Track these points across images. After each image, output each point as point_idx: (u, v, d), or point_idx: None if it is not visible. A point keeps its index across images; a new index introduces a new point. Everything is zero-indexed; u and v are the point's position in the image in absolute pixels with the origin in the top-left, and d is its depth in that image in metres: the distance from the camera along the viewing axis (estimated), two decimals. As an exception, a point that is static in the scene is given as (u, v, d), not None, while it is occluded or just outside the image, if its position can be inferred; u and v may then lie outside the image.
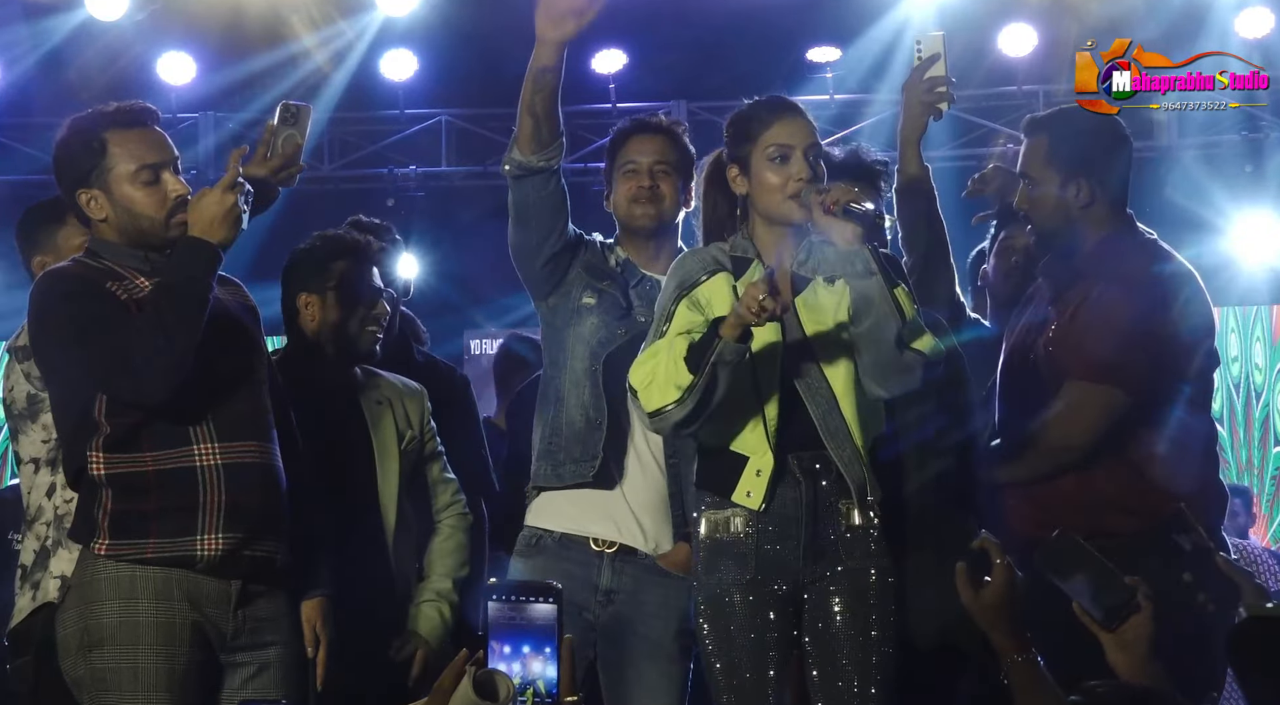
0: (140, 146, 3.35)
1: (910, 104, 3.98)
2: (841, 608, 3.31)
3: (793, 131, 3.40)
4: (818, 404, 3.32)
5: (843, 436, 3.31)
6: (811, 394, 3.32)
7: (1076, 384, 3.60)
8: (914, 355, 3.26)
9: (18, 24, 8.46)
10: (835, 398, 3.32)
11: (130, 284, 3.31)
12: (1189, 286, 3.66)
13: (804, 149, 3.37)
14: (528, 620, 2.29)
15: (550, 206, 3.80)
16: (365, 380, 4.08)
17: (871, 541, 3.34)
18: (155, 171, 3.35)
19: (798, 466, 3.32)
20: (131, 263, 3.37)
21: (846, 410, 3.32)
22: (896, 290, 3.23)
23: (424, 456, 4.09)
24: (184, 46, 8.79)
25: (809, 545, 3.31)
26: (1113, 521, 3.54)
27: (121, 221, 3.35)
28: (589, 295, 3.86)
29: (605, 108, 8.84)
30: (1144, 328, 3.57)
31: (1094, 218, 3.69)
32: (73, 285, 3.30)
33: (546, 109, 3.72)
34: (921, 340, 3.26)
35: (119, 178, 3.33)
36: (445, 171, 9.28)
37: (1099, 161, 3.70)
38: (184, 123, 9.22)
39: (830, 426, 3.31)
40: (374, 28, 8.71)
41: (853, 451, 3.32)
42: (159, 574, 3.26)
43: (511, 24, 4.18)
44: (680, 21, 8.33)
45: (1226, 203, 8.76)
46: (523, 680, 2.28)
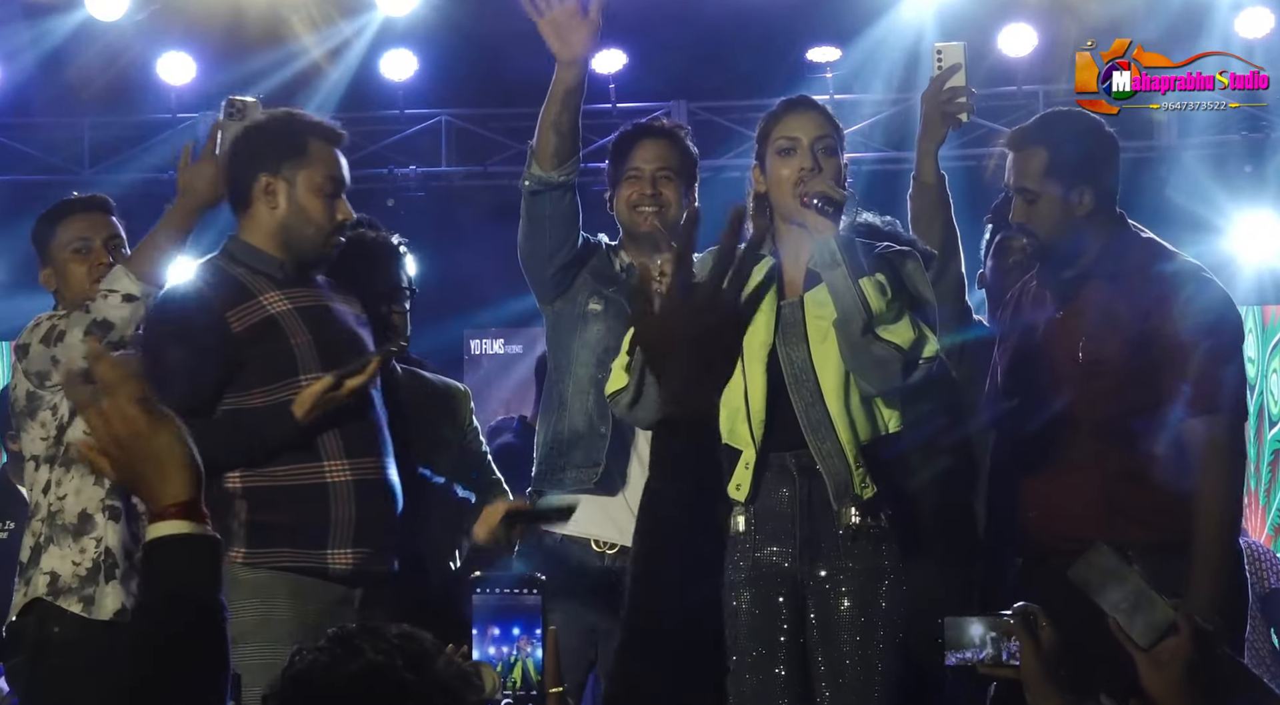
0: (334, 163, 3.49)
1: (930, 113, 3.99)
2: (845, 609, 3.30)
3: (801, 124, 3.40)
4: (802, 397, 3.31)
5: (825, 431, 3.29)
6: (797, 387, 3.32)
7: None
8: (887, 347, 3.23)
9: (18, 24, 8.45)
10: (821, 393, 3.30)
11: (254, 305, 3.37)
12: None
13: (811, 141, 3.37)
14: (515, 607, 2.35)
15: (565, 219, 3.81)
16: (408, 380, 4.06)
17: (872, 542, 3.33)
18: (337, 189, 3.47)
19: (794, 464, 3.32)
20: (266, 269, 3.42)
21: (833, 405, 3.30)
22: (863, 281, 3.22)
23: (467, 455, 4.07)
24: (184, 46, 8.78)
25: (805, 544, 3.30)
26: (1128, 530, 3.49)
27: (288, 220, 3.44)
28: (595, 301, 3.87)
29: (605, 108, 8.82)
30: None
31: (1097, 222, 3.67)
32: (180, 327, 3.36)
33: (572, 126, 3.74)
34: (896, 333, 3.23)
35: (307, 180, 3.44)
36: (445, 171, 9.27)
37: (1098, 167, 3.69)
38: (184, 123, 9.22)
39: (812, 420, 3.30)
40: (374, 27, 8.70)
41: (834, 446, 3.29)
42: (293, 578, 3.36)
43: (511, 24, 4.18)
44: (680, 21, 8.33)
45: (1226, 203, 8.75)
46: (509, 662, 2.33)
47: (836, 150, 3.41)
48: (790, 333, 3.35)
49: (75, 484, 3.79)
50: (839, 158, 3.42)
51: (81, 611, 3.75)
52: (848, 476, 3.29)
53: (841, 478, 3.29)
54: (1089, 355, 3.60)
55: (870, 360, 3.24)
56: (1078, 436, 3.62)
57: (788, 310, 3.36)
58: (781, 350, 3.34)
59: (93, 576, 3.75)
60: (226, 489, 3.34)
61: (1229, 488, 3.53)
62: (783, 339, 3.34)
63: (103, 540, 3.76)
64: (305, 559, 3.36)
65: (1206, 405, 3.49)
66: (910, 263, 3.37)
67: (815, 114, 3.43)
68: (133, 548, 3.78)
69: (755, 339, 3.31)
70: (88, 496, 3.78)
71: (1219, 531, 3.47)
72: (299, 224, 3.44)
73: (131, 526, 3.80)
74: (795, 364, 3.33)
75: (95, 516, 3.77)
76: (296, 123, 3.49)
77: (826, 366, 3.32)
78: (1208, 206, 8.61)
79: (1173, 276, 3.62)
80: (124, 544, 3.78)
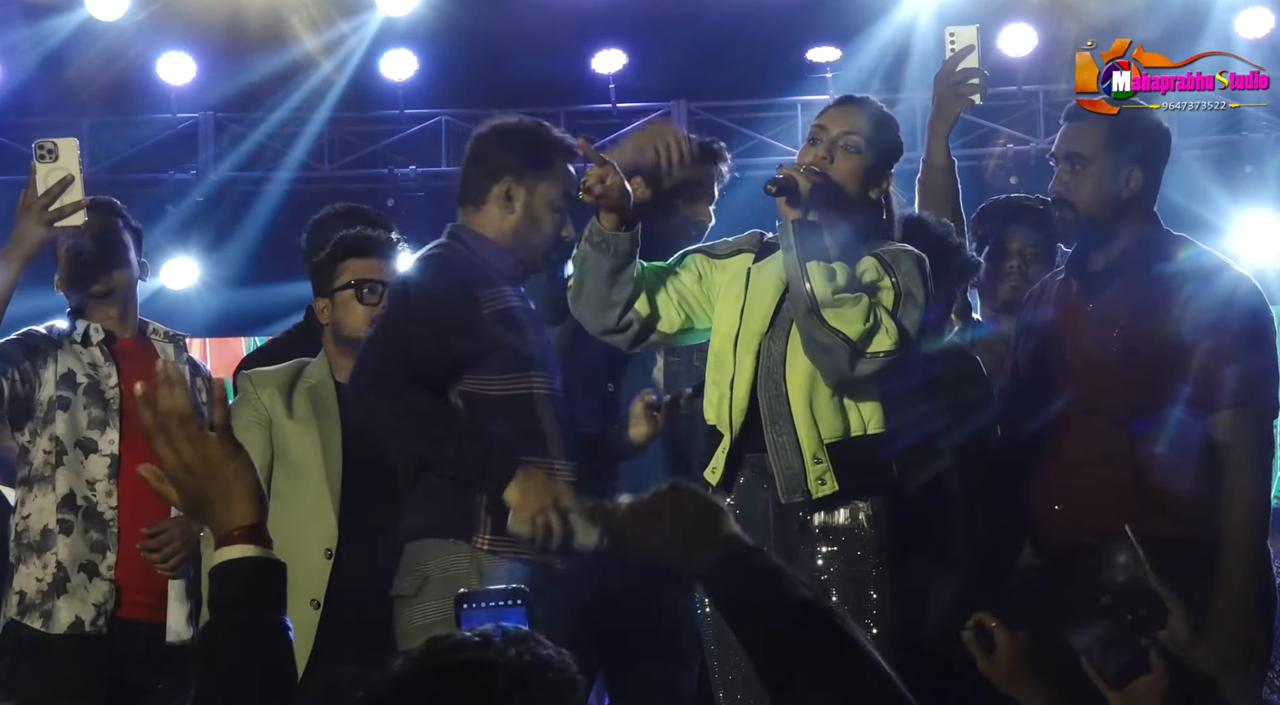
0: (571, 182, 3.51)
1: (943, 95, 3.95)
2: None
3: (834, 117, 3.40)
4: (768, 389, 3.30)
5: (783, 424, 3.27)
6: (766, 380, 3.31)
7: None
8: (832, 336, 3.20)
9: (18, 24, 8.46)
10: (786, 386, 3.29)
11: (499, 293, 3.41)
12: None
13: (837, 134, 3.35)
14: (501, 620, 2.38)
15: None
16: None
17: (854, 544, 3.29)
18: (569, 207, 3.52)
19: (770, 461, 3.29)
20: (501, 265, 3.47)
21: (795, 399, 3.27)
22: (812, 264, 3.21)
23: None
24: (184, 46, 8.80)
25: (778, 544, 3.25)
26: (1156, 523, 3.45)
27: (520, 227, 3.49)
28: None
29: (605, 108, 8.84)
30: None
31: (1135, 210, 3.64)
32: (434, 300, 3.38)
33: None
34: (844, 320, 3.19)
35: (545, 192, 3.49)
36: (445, 171, 9.26)
37: (1154, 156, 3.65)
38: (184, 123, 9.23)
39: (773, 412, 3.28)
40: (374, 28, 8.72)
41: (789, 441, 3.26)
42: (533, 568, 3.32)
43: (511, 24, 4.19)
44: (680, 21, 8.34)
45: (1226, 203, 8.76)
46: None
47: (863, 148, 3.35)
48: (779, 326, 3.34)
49: (38, 502, 3.81)
50: (864, 157, 3.36)
51: (41, 627, 3.76)
52: (800, 471, 3.25)
53: (792, 472, 3.26)
54: (1125, 344, 3.56)
55: (817, 346, 3.23)
56: (1108, 427, 3.58)
57: (785, 307, 3.35)
58: (766, 342, 3.33)
59: (52, 591, 3.76)
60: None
61: (1259, 483, 3.51)
62: (772, 331, 3.34)
63: (56, 554, 3.77)
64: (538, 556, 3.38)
65: (1238, 399, 3.48)
66: (907, 261, 3.34)
67: (853, 110, 3.40)
68: (89, 559, 3.78)
69: (751, 327, 3.32)
70: (48, 513, 3.79)
71: (1248, 529, 3.45)
72: (529, 232, 3.49)
73: (88, 537, 3.79)
74: (772, 356, 3.32)
75: (54, 531, 3.78)
76: (546, 137, 3.53)
77: (796, 360, 3.30)
78: (1208, 206, 8.61)
79: (1203, 271, 3.60)
80: (76, 558, 3.78)
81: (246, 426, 3.68)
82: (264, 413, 3.74)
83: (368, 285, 3.83)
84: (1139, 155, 3.61)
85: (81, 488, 3.81)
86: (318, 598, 3.60)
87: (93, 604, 3.77)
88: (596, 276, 3.37)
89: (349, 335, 3.79)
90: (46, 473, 3.81)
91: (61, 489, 3.79)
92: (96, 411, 3.85)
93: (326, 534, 3.65)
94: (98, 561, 3.79)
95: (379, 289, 3.80)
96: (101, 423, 3.84)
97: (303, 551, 3.59)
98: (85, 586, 3.77)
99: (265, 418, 3.74)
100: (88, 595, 3.77)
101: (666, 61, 8.75)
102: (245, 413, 3.72)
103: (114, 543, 3.81)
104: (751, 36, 8.43)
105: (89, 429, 3.84)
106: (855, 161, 3.36)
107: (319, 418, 3.75)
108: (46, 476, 3.81)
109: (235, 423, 3.61)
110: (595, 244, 3.33)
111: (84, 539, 3.79)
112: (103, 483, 3.82)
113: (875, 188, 3.40)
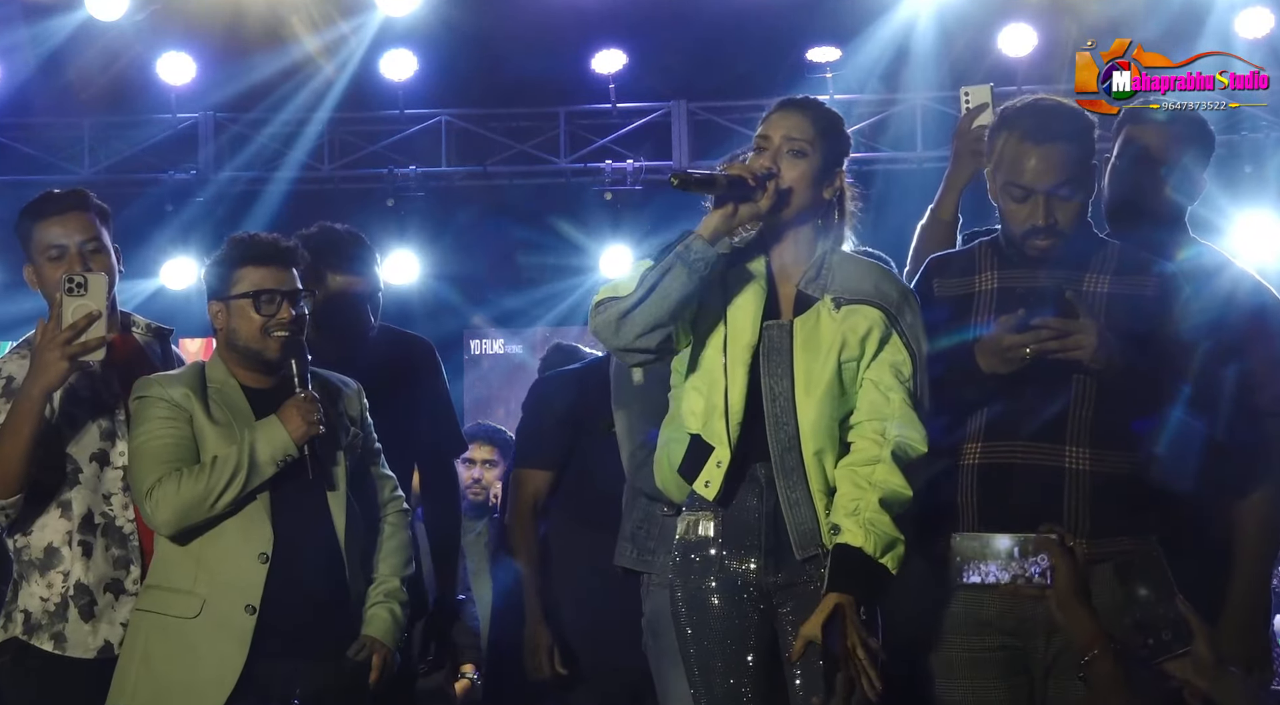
0: None
1: (960, 153, 3.99)
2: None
3: (776, 123, 3.32)
4: (779, 441, 3.22)
5: (796, 478, 3.21)
6: (776, 429, 3.22)
7: None
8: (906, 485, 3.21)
9: (18, 24, 8.47)
10: (799, 439, 3.21)
11: None
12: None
13: (780, 141, 3.29)
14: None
15: None
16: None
17: None
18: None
19: (763, 475, 3.23)
20: None
21: (808, 454, 3.20)
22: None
23: (365, 453, 3.93)
24: (184, 46, 8.80)
25: (769, 554, 3.23)
26: (1160, 530, 3.45)
27: None
28: None
29: (605, 108, 8.84)
30: None
31: (1169, 209, 3.72)
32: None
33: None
34: (905, 477, 3.20)
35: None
36: (445, 171, 9.27)
37: (1202, 163, 3.80)
38: (184, 123, 9.23)
39: (785, 465, 3.21)
40: (374, 28, 8.71)
41: (803, 495, 3.20)
42: None
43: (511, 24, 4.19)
44: (680, 21, 8.34)
45: (1226, 203, 8.74)
46: None
47: (808, 152, 3.29)
48: (775, 358, 3.25)
49: (41, 519, 3.76)
50: (809, 161, 3.29)
51: (52, 649, 3.70)
52: (814, 527, 3.20)
53: (807, 527, 3.20)
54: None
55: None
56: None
57: (775, 332, 3.27)
58: (765, 376, 3.24)
59: (61, 612, 3.71)
60: None
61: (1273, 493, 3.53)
62: (766, 360, 3.25)
63: (70, 574, 3.74)
64: None
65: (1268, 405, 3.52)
66: (907, 307, 3.31)
67: (794, 113, 3.33)
68: (114, 577, 3.73)
69: (740, 340, 3.24)
70: (53, 530, 3.75)
71: (1261, 543, 3.47)
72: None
73: (110, 555, 3.75)
74: (777, 401, 3.23)
75: (61, 550, 3.74)
76: None
77: (807, 409, 3.21)
78: (1207, 206, 8.58)
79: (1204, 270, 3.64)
80: (101, 578, 3.72)
81: (172, 417, 3.62)
82: (185, 409, 3.65)
83: (265, 295, 3.69)
84: (1197, 160, 3.79)
85: (99, 504, 3.74)
86: (253, 603, 3.55)
87: (121, 624, 3.71)
88: (674, 297, 3.15)
89: (243, 344, 3.70)
90: (55, 491, 3.73)
91: (79, 509, 3.72)
92: (105, 423, 3.79)
93: (262, 538, 3.59)
94: (122, 577, 3.73)
95: (277, 299, 3.68)
96: (110, 435, 3.78)
97: (238, 557, 3.57)
98: (113, 606, 3.72)
99: (186, 414, 3.64)
100: (115, 615, 3.72)
101: (666, 61, 8.75)
102: (162, 408, 3.64)
103: (136, 556, 3.75)
104: (751, 36, 8.42)
105: (101, 440, 3.78)
106: (802, 166, 3.28)
107: (237, 421, 3.66)
108: (54, 494, 3.73)
109: (155, 415, 3.63)
110: (690, 261, 3.13)
111: (106, 558, 3.73)
112: (118, 495, 3.75)
113: (828, 187, 3.32)
